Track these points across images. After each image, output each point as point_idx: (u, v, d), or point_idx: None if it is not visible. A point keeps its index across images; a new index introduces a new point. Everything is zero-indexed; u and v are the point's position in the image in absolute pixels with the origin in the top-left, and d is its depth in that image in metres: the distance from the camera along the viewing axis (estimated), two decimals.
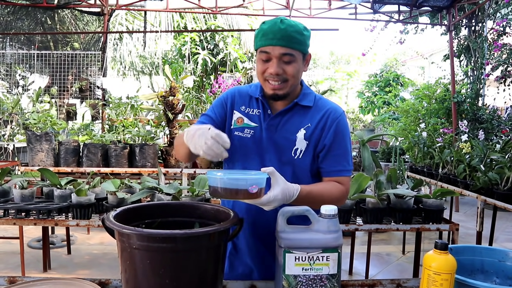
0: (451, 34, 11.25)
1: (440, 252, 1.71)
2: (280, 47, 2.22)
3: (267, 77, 2.30)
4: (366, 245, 6.21)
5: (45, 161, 6.54)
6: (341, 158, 2.40)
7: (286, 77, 2.28)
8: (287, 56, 2.24)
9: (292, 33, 2.21)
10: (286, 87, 2.31)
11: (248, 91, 2.55)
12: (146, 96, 7.24)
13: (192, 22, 14.74)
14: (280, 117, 2.42)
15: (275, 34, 2.21)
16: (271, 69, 2.25)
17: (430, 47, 25.42)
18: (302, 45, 2.27)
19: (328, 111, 2.44)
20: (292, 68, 2.27)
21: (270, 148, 2.39)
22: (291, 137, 2.39)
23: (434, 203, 4.11)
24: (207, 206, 2.12)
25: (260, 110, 2.47)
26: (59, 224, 4.13)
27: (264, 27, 2.27)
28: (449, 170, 6.57)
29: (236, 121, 2.50)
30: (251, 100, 2.52)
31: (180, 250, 1.69)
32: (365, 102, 19.54)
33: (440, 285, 1.70)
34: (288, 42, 2.21)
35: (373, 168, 4.81)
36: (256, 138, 2.43)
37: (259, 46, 2.30)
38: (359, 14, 11.50)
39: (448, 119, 11.37)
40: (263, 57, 2.28)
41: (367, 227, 4.11)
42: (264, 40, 2.26)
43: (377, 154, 11.79)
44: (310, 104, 2.45)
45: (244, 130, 2.46)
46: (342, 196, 2.38)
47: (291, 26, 2.22)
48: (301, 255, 1.84)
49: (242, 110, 2.51)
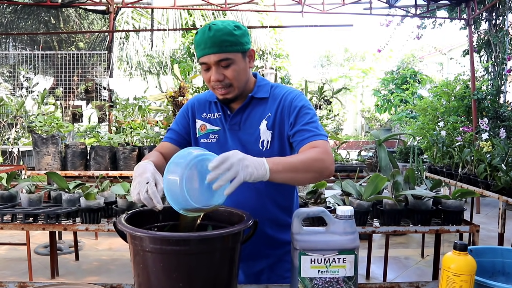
0: (471, 28, 11.20)
1: (459, 253, 1.73)
2: (214, 55, 2.28)
3: (213, 85, 2.38)
4: (383, 249, 6.21)
5: (51, 165, 6.58)
6: (309, 126, 2.36)
7: (228, 82, 2.36)
8: (223, 61, 2.30)
9: (221, 37, 2.26)
10: (234, 90, 2.40)
11: (207, 97, 2.66)
12: (155, 97, 7.27)
13: (201, 20, 14.77)
14: (240, 114, 2.50)
15: (206, 43, 2.28)
16: (212, 76, 2.33)
17: (449, 42, 25.35)
18: (237, 45, 2.32)
19: (284, 95, 2.50)
20: (231, 71, 2.33)
21: (237, 147, 2.41)
22: (254, 132, 2.46)
23: (454, 204, 4.11)
24: (220, 208, 2.14)
25: (220, 112, 2.57)
26: (68, 229, 4.16)
27: (196, 38, 2.35)
28: (469, 170, 6.55)
29: (199, 129, 2.62)
30: (210, 105, 2.63)
31: (194, 253, 1.71)
32: (381, 101, 19.51)
33: (459, 286, 1.71)
34: (220, 47, 2.27)
35: (390, 168, 4.81)
36: (221, 141, 2.53)
37: (198, 57, 2.38)
38: (374, 9, 11.42)
39: (468, 117, 11.31)
40: (204, 67, 2.37)
41: (384, 229, 4.11)
42: (199, 51, 2.33)
43: (394, 154, 11.76)
44: (266, 96, 2.51)
45: (209, 136, 2.57)
46: (321, 155, 2.19)
47: (219, 31, 2.26)
48: (317, 257, 1.86)
49: (204, 117, 2.63)
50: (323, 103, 10.07)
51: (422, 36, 13.09)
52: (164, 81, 9.10)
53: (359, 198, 3.98)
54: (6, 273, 6.23)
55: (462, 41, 18.24)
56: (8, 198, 4.36)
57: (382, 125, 21.68)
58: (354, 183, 4.15)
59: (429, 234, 5.55)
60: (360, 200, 3.94)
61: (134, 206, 3.93)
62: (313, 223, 3.99)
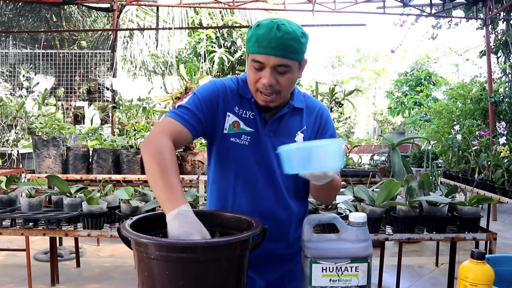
0: (488, 28, 11.16)
1: (476, 262, 1.73)
2: (275, 57, 2.16)
3: (260, 88, 2.25)
4: (396, 257, 6.20)
5: (52, 168, 6.58)
6: None
7: (279, 89, 2.24)
8: (282, 67, 2.18)
9: (289, 42, 2.15)
10: (279, 99, 2.29)
11: (238, 90, 2.46)
12: (160, 98, 7.26)
13: (208, 18, 14.77)
14: (278, 122, 2.42)
15: (270, 42, 2.14)
16: (264, 79, 2.20)
17: (465, 42, 25.32)
18: (299, 54, 2.22)
19: (319, 111, 2.53)
20: (286, 79, 2.23)
21: (269, 155, 2.40)
22: (289, 142, 2.38)
23: (470, 211, 4.10)
24: (228, 214, 2.14)
25: (254, 113, 2.42)
26: (69, 235, 4.17)
27: (258, 32, 2.18)
28: (486, 176, 6.53)
29: (232, 125, 2.41)
30: (242, 100, 2.45)
31: (200, 260, 1.71)
32: (395, 103, 19.47)
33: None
34: (284, 51, 2.15)
35: (403, 173, 4.81)
36: (254, 145, 2.41)
37: (252, 53, 2.23)
38: (388, 8, 11.41)
39: (485, 120, 11.28)
40: (256, 65, 2.22)
41: (398, 237, 4.11)
42: (257, 47, 2.18)
43: (408, 159, 11.76)
44: (302, 106, 2.48)
45: (241, 137, 2.41)
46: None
47: (288, 34, 2.14)
48: (329, 265, 1.86)
49: (236, 112, 2.43)
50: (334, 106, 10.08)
51: (437, 36, 13.08)
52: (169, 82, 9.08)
53: (371, 204, 3.98)
54: (4, 280, 6.24)
55: (478, 42, 18.21)
56: (8, 202, 4.37)
57: (395, 129, 21.63)
58: (366, 189, 4.15)
59: (444, 242, 5.54)
60: (372, 206, 3.94)
61: (139, 212, 3.94)
62: (324, 230, 3.99)
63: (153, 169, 2.05)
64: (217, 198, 2.52)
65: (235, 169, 2.42)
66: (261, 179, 2.40)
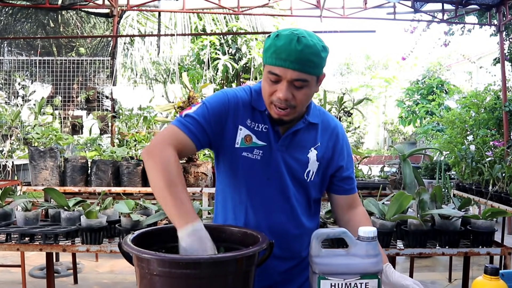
0: (502, 35, 11.13)
1: (490, 278, 1.73)
2: (293, 71, 2.13)
3: (274, 101, 2.23)
4: (408, 273, 6.19)
5: (49, 180, 6.57)
6: (353, 174, 2.58)
7: (294, 104, 2.22)
8: (299, 81, 2.16)
9: (309, 56, 2.12)
10: (293, 113, 2.28)
11: (250, 101, 2.43)
12: (161, 107, 7.26)
13: (212, 24, 14.76)
14: (291, 137, 2.40)
15: (289, 55, 2.10)
16: (280, 93, 2.18)
17: (478, 49, 25.31)
18: (318, 68, 2.20)
19: (335, 128, 2.53)
20: (302, 94, 2.21)
21: (282, 171, 2.39)
22: (303, 159, 2.41)
23: (484, 225, 4.09)
24: (233, 229, 2.14)
25: (267, 126, 2.40)
26: (67, 250, 4.16)
27: (277, 43, 2.13)
28: (501, 188, 6.51)
29: (244, 139, 2.38)
30: (254, 112, 2.41)
31: (205, 277, 1.71)
32: (406, 112, 19.43)
33: None
34: (303, 66, 2.13)
35: (415, 186, 4.81)
36: (265, 160, 2.39)
37: (269, 64, 2.19)
38: (398, 14, 11.38)
39: (499, 130, 11.25)
40: (272, 78, 2.19)
41: (409, 252, 4.10)
42: (275, 59, 2.15)
43: (420, 170, 11.73)
44: (317, 121, 2.46)
45: (253, 151, 2.38)
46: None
47: (309, 47, 2.10)
48: (337, 281, 1.86)
49: (248, 125, 2.39)
50: (343, 115, 10.07)
51: (450, 43, 13.10)
52: (171, 90, 9.08)
53: (382, 217, 3.97)
54: None
55: (492, 49, 18.17)
56: (2, 216, 4.36)
57: (406, 139, 21.62)
58: (376, 202, 4.15)
59: (457, 257, 5.53)
60: (383, 220, 3.93)
61: (140, 226, 3.93)
62: (333, 244, 3.99)
63: (159, 181, 2.06)
64: (226, 213, 2.51)
65: (246, 184, 2.41)
66: (273, 194, 2.39)
